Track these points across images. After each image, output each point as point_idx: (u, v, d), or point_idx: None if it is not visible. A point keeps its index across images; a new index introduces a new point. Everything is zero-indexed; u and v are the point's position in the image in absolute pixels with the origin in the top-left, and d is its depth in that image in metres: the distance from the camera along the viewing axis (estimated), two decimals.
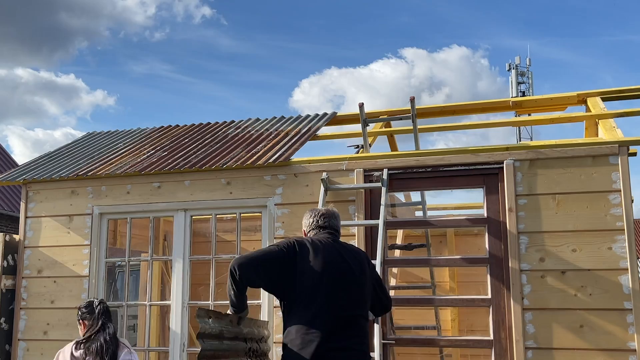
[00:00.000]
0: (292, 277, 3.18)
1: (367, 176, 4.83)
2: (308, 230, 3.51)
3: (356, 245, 4.36)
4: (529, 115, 6.78)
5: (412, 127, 5.41)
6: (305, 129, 5.97)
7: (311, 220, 3.50)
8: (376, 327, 4.20)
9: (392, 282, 6.23)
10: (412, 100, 5.03)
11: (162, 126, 7.09)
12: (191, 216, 5.38)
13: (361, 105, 5.24)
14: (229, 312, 3.39)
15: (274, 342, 4.86)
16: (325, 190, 4.83)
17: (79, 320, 3.90)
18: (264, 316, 4.99)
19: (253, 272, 3.16)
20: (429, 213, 7.09)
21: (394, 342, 4.70)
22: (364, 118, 5.34)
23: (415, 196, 6.18)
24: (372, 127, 5.99)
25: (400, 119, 5.58)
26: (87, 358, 3.66)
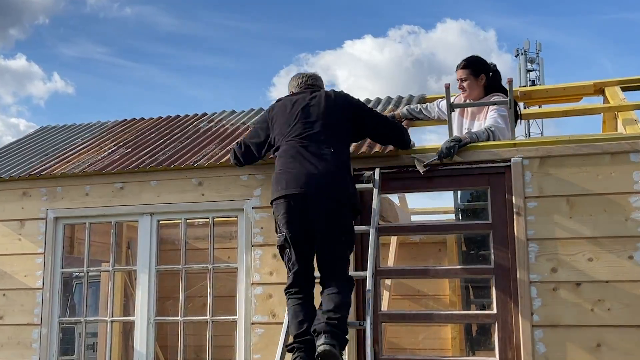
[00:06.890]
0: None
1: (357, 176, 4.71)
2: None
3: None
4: (539, 107, 6.73)
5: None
6: None
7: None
8: (368, 348, 4.13)
9: (385, 295, 6.18)
10: (447, 87, 4.84)
11: (125, 119, 7.07)
12: (158, 221, 5.30)
13: (447, 87, 4.86)
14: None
15: None
16: None
17: None
18: (239, 332, 4.91)
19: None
20: (428, 217, 7.04)
21: None
22: (450, 102, 4.91)
23: (411, 198, 6.12)
24: None
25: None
26: None
